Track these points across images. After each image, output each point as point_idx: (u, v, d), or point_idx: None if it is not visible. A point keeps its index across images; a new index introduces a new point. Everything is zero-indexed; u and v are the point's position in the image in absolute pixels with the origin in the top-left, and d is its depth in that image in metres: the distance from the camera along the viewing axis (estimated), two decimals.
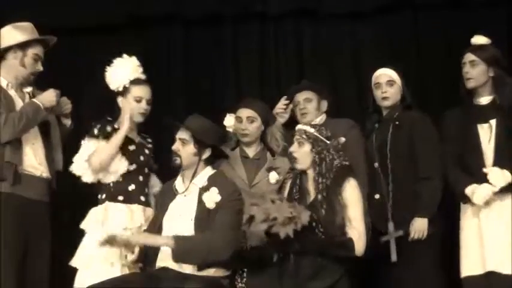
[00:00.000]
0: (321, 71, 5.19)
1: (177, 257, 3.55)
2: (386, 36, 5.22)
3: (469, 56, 4.16)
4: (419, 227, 4.06)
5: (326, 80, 5.13)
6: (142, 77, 4.15)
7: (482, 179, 3.96)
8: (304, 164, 3.80)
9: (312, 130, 3.80)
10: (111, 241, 3.58)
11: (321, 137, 3.78)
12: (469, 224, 4.04)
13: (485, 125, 4.07)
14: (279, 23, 5.28)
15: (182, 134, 3.79)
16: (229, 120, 4.26)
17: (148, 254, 3.72)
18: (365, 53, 5.18)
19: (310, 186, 3.79)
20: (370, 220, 3.91)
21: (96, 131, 4.04)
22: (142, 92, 4.09)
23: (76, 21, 4.40)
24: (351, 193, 3.68)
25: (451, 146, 4.12)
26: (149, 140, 4.22)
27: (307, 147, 3.79)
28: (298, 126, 3.91)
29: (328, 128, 3.89)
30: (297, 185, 3.84)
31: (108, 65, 4.14)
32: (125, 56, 4.14)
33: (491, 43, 4.20)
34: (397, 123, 4.22)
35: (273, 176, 4.17)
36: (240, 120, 4.23)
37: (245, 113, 4.22)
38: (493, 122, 4.06)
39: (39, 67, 4.07)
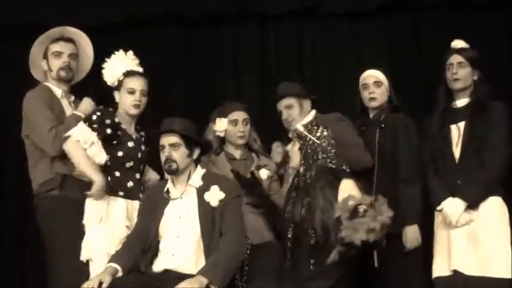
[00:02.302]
0: (321, 71, 5.19)
1: (220, 283, 3.52)
2: (386, 36, 5.22)
3: (457, 58, 4.15)
4: (412, 236, 4.05)
5: (326, 80, 5.14)
6: (138, 69, 4.14)
7: (453, 182, 3.99)
8: (295, 162, 3.78)
9: (301, 129, 3.78)
10: None
11: (310, 136, 3.75)
12: (440, 229, 4.06)
13: (453, 126, 4.08)
14: (279, 23, 5.28)
15: (171, 139, 3.75)
16: (222, 124, 4.20)
17: (145, 257, 3.71)
18: (365, 53, 5.17)
19: None
20: None
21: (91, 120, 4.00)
22: (134, 83, 4.07)
23: (76, 21, 4.39)
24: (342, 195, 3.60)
25: (428, 151, 4.11)
26: (142, 134, 4.16)
27: (297, 146, 3.78)
28: (294, 125, 3.91)
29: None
30: (295, 184, 3.83)
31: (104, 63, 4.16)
32: (120, 51, 4.14)
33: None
34: (382, 125, 4.21)
35: (264, 173, 4.21)
36: (236, 123, 4.23)
37: (241, 115, 4.24)
38: (461, 124, 4.06)
39: (63, 60, 4.18)
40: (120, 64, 4.10)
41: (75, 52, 4.26)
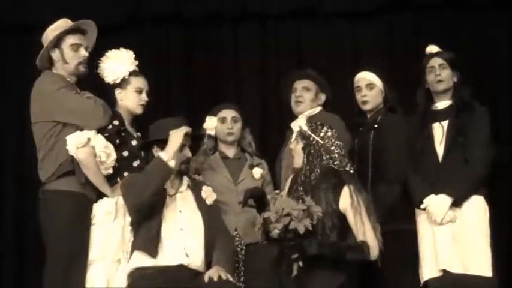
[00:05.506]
0: (320, 71, 5.17)
1: (232, 276, 3.65)
2: (386, 36, 5.21)
3: (438, 60, 4.18)
4: None
5: (326, 80, 5.13)
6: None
7: (436, 181, 3.98)
8: (298, 163, 3.74)
9: (305, 128, 3.72)
10: None
11: (314, 136, 3.70)
12: (425, 229, 4.06)
13: (436, 124, 4.09)
14: (279, 23, 5.27)
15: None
16: (211, 122, 4.19)
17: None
18: (365, 53, 5.17)
19: None
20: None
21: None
22: (142, 83, 4.09)
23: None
24: (343, 203, 3.58)
25: (409, 150, 4.11)
26: (139, 134, 4.12)
27: (300, 145, 3.73)
28: (297, 121, 3.87)
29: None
30: (298, 184, 3.80)
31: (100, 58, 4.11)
32: (121, 49, 4.12)
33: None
34: (376, 126, 4.21)
35: (257, 171, 4.28)
36: (225, 121, 4.31)
37: (230, 113, 4.33)
38: (445, 123, 4.08)
39: (82, 53, 4.01)
40: (125, 62, 4.07)
41: (88, 45, 4.11)
